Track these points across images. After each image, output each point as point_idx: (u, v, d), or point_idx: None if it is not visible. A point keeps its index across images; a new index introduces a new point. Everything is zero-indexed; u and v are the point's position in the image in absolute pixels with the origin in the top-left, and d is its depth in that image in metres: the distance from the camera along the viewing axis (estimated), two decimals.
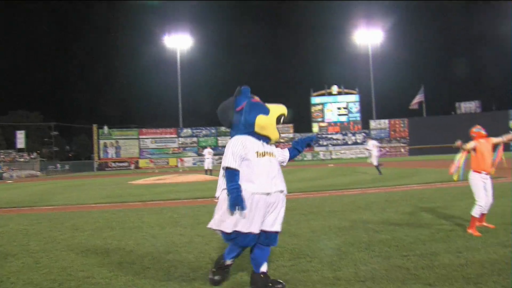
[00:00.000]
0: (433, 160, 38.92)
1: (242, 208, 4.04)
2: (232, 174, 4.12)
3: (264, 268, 4.47)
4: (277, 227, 4.34)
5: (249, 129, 4.26)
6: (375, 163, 23.42)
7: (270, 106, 4.36)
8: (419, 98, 68.26)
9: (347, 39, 74.22)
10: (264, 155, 4.27)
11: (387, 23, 76.39)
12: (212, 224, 4.29)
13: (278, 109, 4.31)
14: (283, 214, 4.42)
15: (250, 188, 4.12)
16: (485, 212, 7.05)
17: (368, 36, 71.35)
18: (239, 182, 4.11)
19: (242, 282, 4.71)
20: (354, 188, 15.03)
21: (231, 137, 4.35)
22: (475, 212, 6.80)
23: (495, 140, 7.30)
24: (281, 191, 4.34)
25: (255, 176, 4.15)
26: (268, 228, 4.28)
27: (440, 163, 30.29)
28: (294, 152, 4.82)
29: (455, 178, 7.25)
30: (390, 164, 37.10)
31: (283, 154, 4.73)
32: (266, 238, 4.31)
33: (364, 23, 71.42)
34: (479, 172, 6.95)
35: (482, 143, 7.13)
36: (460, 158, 7.30)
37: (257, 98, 4.40)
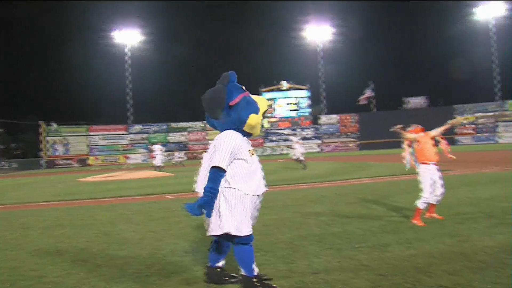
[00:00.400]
0: (382, 155, 40.13)
1: (209, 214, 3.88)
2: (217, 175, 3.88)
3: (221, 263, 4.49)
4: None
5: (238, 126, 4.06)
6: (300, 158, 24.69)
7: (255, 100, 4.20)
8: (368, 93, 70.09)
9: (297, 35, 75.17)
10: (253, 153, 4.16)
11: (338, 19, 77.93)
12: (230, 229, 3.95)
13: (263, 105, 4.20)
14: None
15: (246, 189, 4.01)
16: (435, 203, 7.40)
17: (318, 32, 72.33)
18: (233, 183, 3.95)
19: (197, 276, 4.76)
20: (306, 183, 15.37)
21: (221, 130, 4.12)
22: (420, 203, 7.11)
23: (431, 133, 7.69)
24: (264, 191, 4.28)
25: (251, 176, 4.03)
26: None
27: (389, 157, 31.38)
28: None
29: (406, 167, 7.57)
30: (341, 159, 38.00)
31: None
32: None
33: (314, 19, 72.55)
34: (427, 163, 7.28)
35: (422, 136, 7.55)
36: (404, 150, 7.61)
37: (247, 92, 4.21)
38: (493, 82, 63.67)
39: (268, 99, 62.91)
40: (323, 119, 70.89)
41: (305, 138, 69.51)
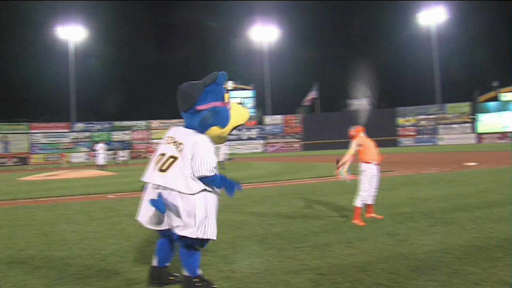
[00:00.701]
0: (326, 155, 40.95)
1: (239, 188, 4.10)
2: (218, 178, 3.98)
3: (168, 263, 4.45)
4: None
5: (200, 130, 4.02)
6: (221, 159, 25.86)
7: (234, 114, 4.17)
8: (312, 94, 71.20)
9: (243, 35, 75.17)
10: None
11: (284, 20, 78.61)
12: (213, 235, 3.97)
13: (239, 119, 4.19)
14: None
15: (218, 192, 4.11)
16: (370, 203, 7.61)
17: (264, 33, 72.72)
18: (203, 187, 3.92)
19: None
20: (249, 183, 15.46)
21: (189, 127, 4.05)
22: (358, 202, 7.31)
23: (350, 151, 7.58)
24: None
25: None
26: None
27: (332, 158, 32.00)
28: None
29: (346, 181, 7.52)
30: (285, 159, 38.47)
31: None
32: None
33: (260, 20, 72.63)
34: (370, 163, 7.50)
35: (362, 137, 7.73)
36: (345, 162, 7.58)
37: (227, 99, 4.19)
38: (434, 85, 66.60)
39: None
40: (268, 119, 71.52)
41: (249, 138, 69.96)
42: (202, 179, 3.87)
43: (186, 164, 3.85)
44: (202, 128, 3.99)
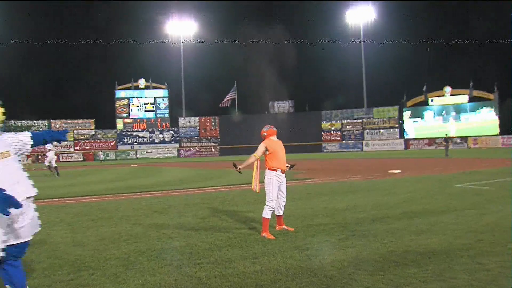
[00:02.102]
0: (243, 161, 41.25)
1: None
2: None
3: None
4: (29, 235, 4.10)
5: None
6: (54, 165, 26.08)
7: None
8: (231, 95, 71.28)
9: (158, 32, 74.24)
10: (5, 156, 3.93)
11: (201, 17, 78.09)
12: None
13: None
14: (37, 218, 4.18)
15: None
16: (280, 214, 7.69)
17: (180, 30, 72.40)
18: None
19: None
20: (155, 191, 15.31)
21: None
22: (266, 213, 7.37)
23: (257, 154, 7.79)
24: (29, 198, 4.05)
25: None
26: (21, 239, 4.00)
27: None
28: (42, 139, 4.42)
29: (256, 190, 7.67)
30: (199, 164, 38.29)
31: (21, 141, 4.29)
32: (17, 248, 4.00)
33: (176, 16, 71.86)
34: (275, 170, 7.57)
35: (272, 141, 7.82)
36: (255, 172, 7.72)
37: None
38: (362, 89, 69.13)
39: (122, 98, 62.11)
40: (182, 121, 71.02)
41: (162, 142, 69.04)
42: None
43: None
44: None
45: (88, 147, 67.53)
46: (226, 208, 10.50)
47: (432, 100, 64.18)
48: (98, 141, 68.35)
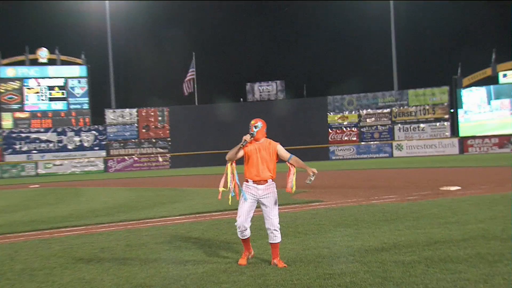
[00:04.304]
0: (207, 175, 41.08)
1: None
2: None
3: None
4: None
5: None
6: None
7: None
8: (189, 74, 70.27)
9: None
10: None
11: None
12: None
13: None
14: None
15: None
16: (272, 241, 8.82)
17: None
18: None
19: None
20: (74, 226, 15.30)
21: None
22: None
23: None
24: None
25: None
26: None
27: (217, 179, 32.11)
28: None
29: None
30: (139, 182, 38.04)
31: None
32: None
33: None
34: (247, 180, 8.90)
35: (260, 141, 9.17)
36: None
37: None
38: (390, 61, 69.42)
39: (10, 79, 62.11)
40: (111, 115, 70.28)
41: (79, 148, 68.40)
42: None
43: None
44: None
45: None
46: (192, 250, 10.53)
47: (505, 76, 62.16)
48: None
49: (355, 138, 68.02)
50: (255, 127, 9.05)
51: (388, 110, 67.51)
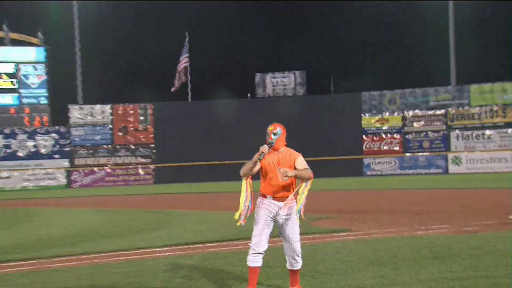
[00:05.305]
0: (207, 194, 41.11)
1: None
2: None
3: None
4: None
5: None
6: None
7: None
8: (183, 60, 70.00)
9: None
10: None
11: None
12: None
13: None
14: None
15: None
16: (291, 268, 9.45)
17: None
18: None
19: None
20: (24, 260, 15.25)
21: None
22: (248, 258, 9.42)
23: None
24: None
25: None
26: None
27: (224, 200, 32.14)
28: None
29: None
30: (113, 202, 38.20)
31: None
32: None
33: None
34: (264, 196, 9.44)
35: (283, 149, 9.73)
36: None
37: None
38: (447, 47, 69.36)
39: None
40: (77, 113, 70.19)
41: (33, 156, 68.47)
42: None
43: None
44: None
45: None
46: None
47: None
48: None
49: (397, 148, 67.81)
50: (274, 134, 9.33)
51: (443, 111, 67.06)
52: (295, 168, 9.41)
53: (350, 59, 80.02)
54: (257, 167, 9.42)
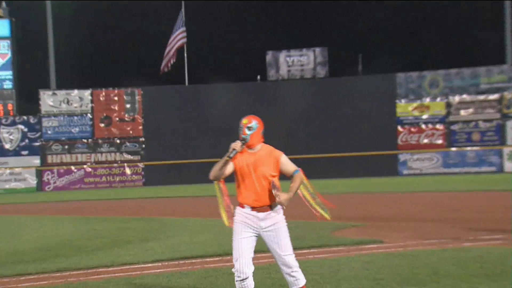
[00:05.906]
0: (204, 197, 41.40)
1: None
2: None
3: None
4: None
5: None
6: None
7: None
8: (178, 36, 69.81)
9: None
10: None
11: None
12: None
13: None
14: None
15: None
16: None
17: None
18: None
19: None
20: None
21: None
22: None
23: None
24: None
25: None
26: None
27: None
28: None
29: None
30: (92, 209, 38.42)
31: None
32: None
33: None
34: (242, 206, 9.63)
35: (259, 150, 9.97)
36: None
37: None
38: (500, 20, 69.39)
39: None
40: (50, 100, 70.13)
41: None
42: None
43: None
44: None
45: None
46: None
47: None
48: None
49: (440, 141, 67.50)
50: (248, 128, 9.47)
51: (496, 96, 66.67)
52: (280, 169, 9.52)
53: (382, 33, 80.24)
54: (230, 168, 9.48)
